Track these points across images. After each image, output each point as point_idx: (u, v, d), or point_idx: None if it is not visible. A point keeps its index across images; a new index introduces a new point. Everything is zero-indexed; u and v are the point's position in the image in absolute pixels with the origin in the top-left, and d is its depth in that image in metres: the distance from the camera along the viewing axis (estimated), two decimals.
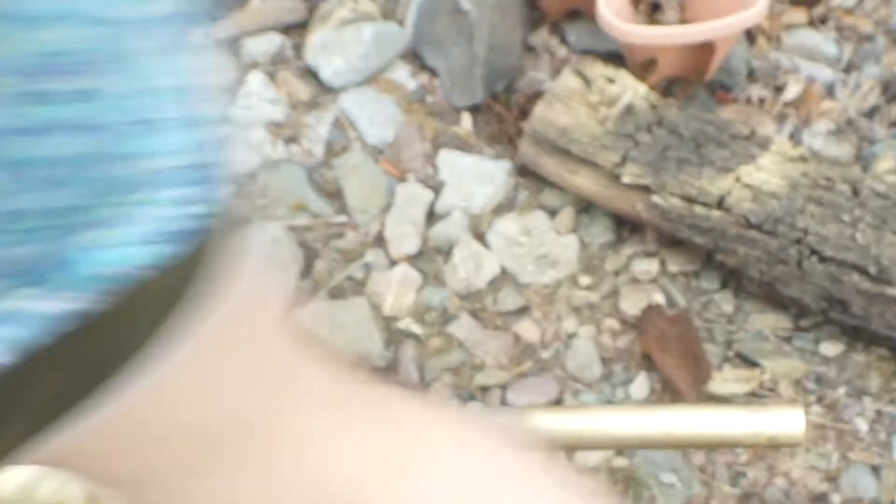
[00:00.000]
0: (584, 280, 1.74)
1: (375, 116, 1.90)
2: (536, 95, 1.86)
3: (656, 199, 1.66)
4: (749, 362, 1.67)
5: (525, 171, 1.83)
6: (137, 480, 0.48)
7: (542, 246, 1.76)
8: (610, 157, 1.69)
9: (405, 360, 1.66)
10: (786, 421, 1.07)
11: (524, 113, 1.84)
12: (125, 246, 0.36)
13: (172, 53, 0.39)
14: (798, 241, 1.61)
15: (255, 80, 1.95)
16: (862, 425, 1.63)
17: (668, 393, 1.64)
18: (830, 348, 1.68)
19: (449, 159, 1.85)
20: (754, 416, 1.08)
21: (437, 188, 1.83)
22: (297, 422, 0.50)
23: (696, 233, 1.66)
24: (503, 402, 1.63)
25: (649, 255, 1.76)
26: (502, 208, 1.81)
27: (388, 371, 1.66)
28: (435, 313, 1.71)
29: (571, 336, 1.69)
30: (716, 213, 1.64)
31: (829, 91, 1.93)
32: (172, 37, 0.39)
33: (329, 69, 1.95)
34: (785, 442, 1.09)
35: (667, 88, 1.90)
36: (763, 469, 1.59)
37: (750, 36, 1.99)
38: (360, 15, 1.99)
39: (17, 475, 1.49)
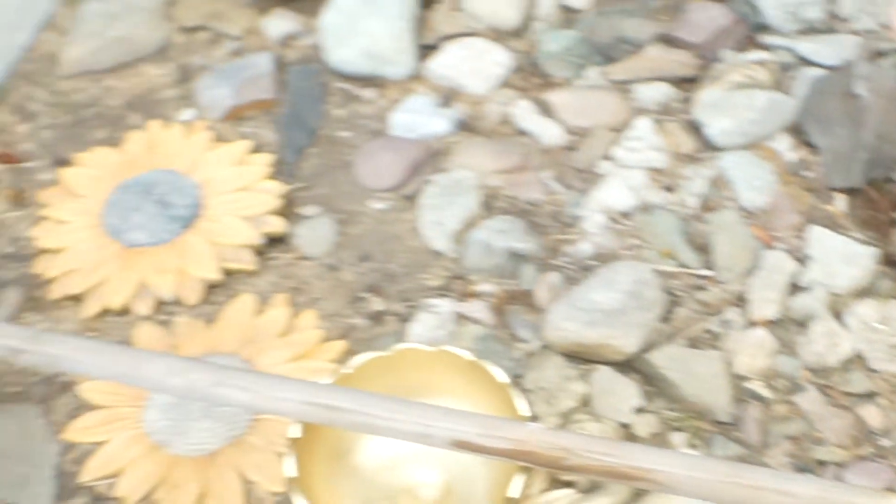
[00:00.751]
0: None
1: (753, 181, 1.96)
2: None
3: None
4: None
5: (891, 261, 1.85)
6: None
7: None
8: None
9: (748, 420, 1.71)
10: None
11: None
12: None
13: None
14: None
15: (643, 125, 2.03)
16: None
17: None
18: None
19: (818, 235, 1.89)
20: None
21: (802, 261, 1.87)
22: None
23: None
24: (837, 480, 1.66)
25: None
26: (863, 292, 1.84)
27: (730, 427, 1.71)
28: (784, 381, 1.76)
29: None
30: None
31: None
32: None
33: (715, 127, 2.01)
34: None
35: None
36: None
37: None
38: (752, 81, 2.05)
39: (381, 453, 1.60)
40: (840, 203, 1.96)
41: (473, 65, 2.15)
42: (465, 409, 1.38)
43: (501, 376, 1.51)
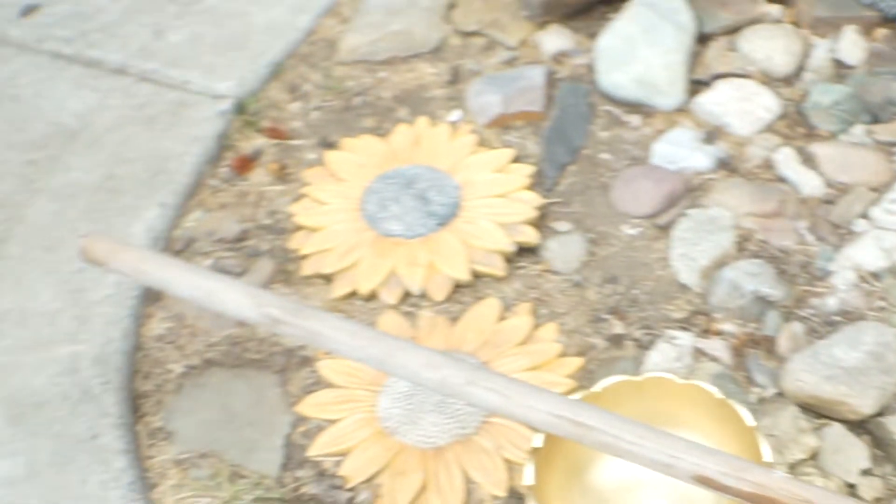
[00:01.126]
0: None
1: None
2: None
3: None
4: None
5: None
6: None
7: None
8: None
9: None
10: None
11: None
12: None
13: None
14: None
15: None
16: None
17: None
18: None
19: None
20: None
21: None
22: None
23: None
24: None
25: None
26: None
27: None
28: None
29: None
30: None
31: None
32: None
33: None
34: None
35: None
36: None
37: None
38: None
39: (617, 475, 1.62)
40: None
41: (741, 106, 2.16)
42: (709, 445, 1.39)
43: (749, 419, 1.53)
